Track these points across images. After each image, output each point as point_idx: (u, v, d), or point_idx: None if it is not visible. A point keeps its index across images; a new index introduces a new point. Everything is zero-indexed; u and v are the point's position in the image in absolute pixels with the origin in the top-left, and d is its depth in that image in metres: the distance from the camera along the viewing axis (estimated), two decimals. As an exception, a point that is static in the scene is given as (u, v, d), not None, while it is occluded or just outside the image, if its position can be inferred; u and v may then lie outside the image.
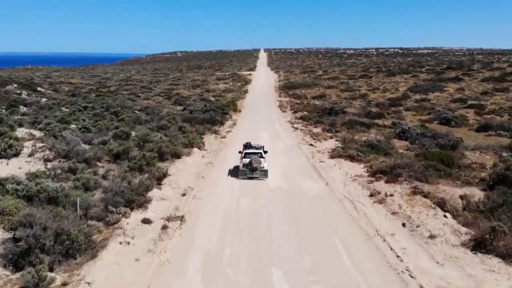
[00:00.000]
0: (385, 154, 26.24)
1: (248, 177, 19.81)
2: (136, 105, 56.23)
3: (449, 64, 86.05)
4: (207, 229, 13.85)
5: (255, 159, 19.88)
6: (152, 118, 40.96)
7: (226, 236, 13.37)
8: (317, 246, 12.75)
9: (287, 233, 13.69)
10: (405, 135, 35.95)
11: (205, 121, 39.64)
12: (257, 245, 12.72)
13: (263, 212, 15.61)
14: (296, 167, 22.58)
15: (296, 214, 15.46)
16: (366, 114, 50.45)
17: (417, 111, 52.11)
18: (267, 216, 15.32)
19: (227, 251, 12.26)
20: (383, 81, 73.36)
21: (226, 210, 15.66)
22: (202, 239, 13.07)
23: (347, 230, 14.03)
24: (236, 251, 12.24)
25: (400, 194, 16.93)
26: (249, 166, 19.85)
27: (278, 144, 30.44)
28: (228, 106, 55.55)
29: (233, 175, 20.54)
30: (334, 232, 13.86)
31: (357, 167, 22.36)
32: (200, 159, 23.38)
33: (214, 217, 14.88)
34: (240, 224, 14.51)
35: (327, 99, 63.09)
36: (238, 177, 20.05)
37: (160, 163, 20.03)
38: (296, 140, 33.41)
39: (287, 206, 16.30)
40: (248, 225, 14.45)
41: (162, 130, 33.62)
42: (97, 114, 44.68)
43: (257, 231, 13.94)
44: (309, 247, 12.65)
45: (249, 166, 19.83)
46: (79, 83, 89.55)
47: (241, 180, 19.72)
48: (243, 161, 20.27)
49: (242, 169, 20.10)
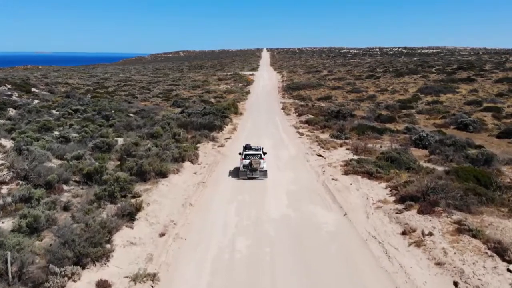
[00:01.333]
0: (407, 169, 22.37)
1: (248, 177, 20.02)
2: (132, 107, 52.39)
3: (460, 64, 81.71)
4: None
5: (254, 160, 20.15)
6: (145, 123, 37.15)
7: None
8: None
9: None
10: (423, 142, 32.06)
11: (202, 127, 35.78)
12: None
13: (265, 260, 11.70)
14: (305, 187, 18.64)
15: (308, 263, 11.52)
16: (376, 117, 46.44)
17: (430, 114, 47.99)
18: (269, 266, 11.41)
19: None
20: (391, 82, 69.18)
21: (216, 258, 11.69)
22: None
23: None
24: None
25: (442, 232, 13.00)
26: (249, 167, 20.09)
27: (282, 155, 26.53)
28: (228, 108, 51.64)
29: (229, 199, 16.71)
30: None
31: (378, 187, 18.43)
32: (191, 177, 19.42)
33: (200, 270, 10.94)
34: (234, 280, 10.65)
35: (333, 101, 59.05)
36: (239, 177, 20.22)
37: (140, 185, 16.18)
38: (302, 149, 29.50)
39: (296, 250, 12.31)
40: (246, 281, 10.58)
41: (153, 139, 29.82)
42: (87, 118, 40.87)
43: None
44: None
45: (249, 167, 20.08)
46: (76, 84, 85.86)
47: (238, 205, 15.95)
48: (243, 162, 20.46)
49: (243, 169, 20.28)
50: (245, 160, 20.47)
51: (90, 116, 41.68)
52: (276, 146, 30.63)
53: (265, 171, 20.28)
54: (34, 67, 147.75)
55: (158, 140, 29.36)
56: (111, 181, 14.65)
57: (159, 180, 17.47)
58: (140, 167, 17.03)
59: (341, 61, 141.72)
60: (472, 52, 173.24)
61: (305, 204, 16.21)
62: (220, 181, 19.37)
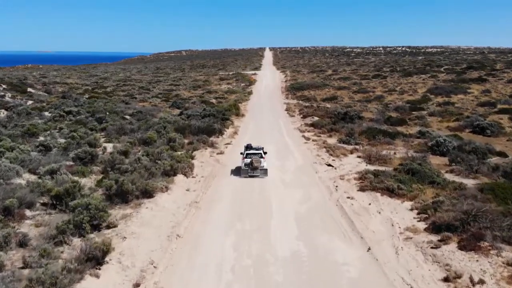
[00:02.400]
0: (430, 183, 19.42)
1: (249, 176, 20.34)
2: (129, 108, 49.49)
3: (470, 64, 78.38)
4: None
5: (255, 159, 20.47)
6: (140, 126, 34.27)
7: None
8: None
9: None
10: (440, 149, 29.13)
11: (200, 131, 32.85)
12: None
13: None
14: (317, 209, 15.64)
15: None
16: (386, 120, 43.45)
17: (443, 116, 44.89)
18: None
19: None
20: (399, 81, 66.02)
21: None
22: None
23: None
24: None
25: (495, 279, 10.06)
26: (250, 165, 20.41)
27: (287, 165, 23.57)
28: (229, 110, 48.71)
29: (226, 227, 13.77)
30: None
31: (402, 208, 15.48)
32: (182, 195, 16.44)
33: None
34: None
35: (339, 102, 56.00)
36: (240, 175, 20.49)
37: (120, 208, 13.29)
38: (309, 156, 26.56)
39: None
40: None
41: (146, 145, 26.94)
42: (80, 120, 38.07)
43: None
44: None
45: (250, 166, 20.40)
46: (75, 84, 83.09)
47: (236, 236, 12.99)
48: (245, 161, 20.84)
49: (244, 168, 20.66)
50: (246, 159, 20.89)
51: (83, 119, 38.88)
52: (281, 153, 27.68)
53: (265, 170, 20.66)
54: (35, 66, 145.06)
55: (151, 147, 26.51)
56: (80, 208, 11.76)
57: (143, 201, 14.52)
58: (121, 186, 14.13)
59: (345, 60, 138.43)
60: (477, 51, 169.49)
61: (319, 233, 13.17)
62: (216, 201, 16.39)
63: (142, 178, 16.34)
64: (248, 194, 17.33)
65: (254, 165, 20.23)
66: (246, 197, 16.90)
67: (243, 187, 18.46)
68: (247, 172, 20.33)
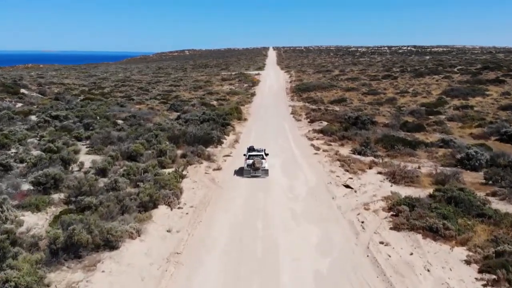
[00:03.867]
0: (478, 215, 15.15)
1: (251, 175, 20.97)
2: (124, 111, 45.33)
3: (485, 64, 73.56)
4: None
5: (257, 160, 21.21)
6: (129, 134, 30.09)
7: None
8: None
9: None
10: (471, 163, 24.88)
11: (197, 140, 28.67)
12: None
13: None
14: (342, 268, 11.03)
15: None
16: (402, 125, 39.09)
17: (464, 122, 40.45)
18: None
19: None
20: (411, 82, 61.49)
21: None
22: None
23: None
24: None
25: None
26: (252, 166, 21.09)
27: (297, 186, 19.31)
28: (231, 114, 44.51)
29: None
30: None
31: (454, 259, 11.34)
32: (159, 242, 11.93)
33: None
34: None
35: (348, 104, 51.65)
36: (243, 175, 21.01)
37: (67, 270, 9.13)
38: (322, 173, 22.33)
39: None
40: None
41: (132, 159, 22.77)
42: (65, 127, 33.98)
43: None
44: None
45: (252, 166, 21.07)
46: (72, 84, 79.06)
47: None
48: (247, 162, 21.54)
49: (246, 169, 21.31)
50: (248, 160, 21.61)
51: (70, 125, 34.80)
52: (288, 168, 23.44)
53: (266, 170, 21.37)
54: (35, 66, 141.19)
55: (136, 161, 22.36)
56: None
57: (103, 256, 10.34)
58: (71, 237, 9.96)
59: (350, 59, 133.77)
60: (484, 51, 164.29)
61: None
62: (205, 250, 12.00)
63: (110, 215, 12.12)
64: (250, 237, 12.98)
65: (256, 166, 21.03)
66: (247, 242, 12.59)
67: (243, 224, 14.19)
68: (249, 172, 21.15)
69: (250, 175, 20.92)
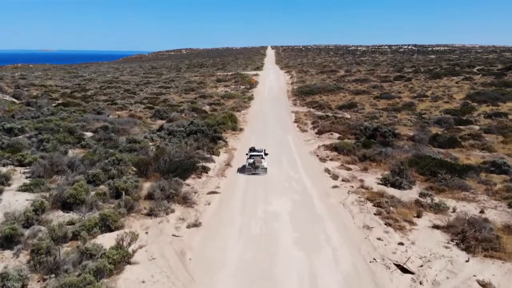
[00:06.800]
0: None
1: (252, 173, 22.05)
2: (99, 120, 37.20)
3: (507, 64, 65.57)
4: None
5: (257, 159, 22.31)
6: (83, 159, 22.02)
7: None
8: None
9: None
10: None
11: (173, 169, 20.66)
12: None
13: None
14: None
15: None
16: (431, 139, 31.22)
17: (505, 135, 32.49)
18: None
19: None
20: (428, 85, 53.55)
21: None
22: None
23: None
24: None
25: None
26: (252, 165, 22.19)
27: (321, 274, 11.40)
28: (224, 123, 36.59)
29: None
30: None
31: None
32: None
33: None
34: None
35: (360, 111, 43.76)
36: (245, 173, 22.08)
37: None
38: (355, 235, 14.60)
39: None
40: None
41: (66, 209, 14.83)
42: (13, 145, 25.84)
43: None
44: None
45: (253, 165, 22.19)
46: (54, 86, 70.78)
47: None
48: (248, 161, 22.52)
49: (248, 167, 22.37)
50: (249, 159, 22.58)
51: (21, 141, 26.81)
52: (301, 225, 15.33)
53: (265, 168, 22.33)
54: (24, 65, 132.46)
55: (72, 211, 14.42)
56: None
57: None
58: None
59: (351, 58, 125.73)
60: (488, 50, 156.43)
61: None
62: None
63: None
64: None
65: (256, 165, 22.18)
66: None
67: None
68: (250, 170, 22.19)
69: (251, 172, 22.15)
